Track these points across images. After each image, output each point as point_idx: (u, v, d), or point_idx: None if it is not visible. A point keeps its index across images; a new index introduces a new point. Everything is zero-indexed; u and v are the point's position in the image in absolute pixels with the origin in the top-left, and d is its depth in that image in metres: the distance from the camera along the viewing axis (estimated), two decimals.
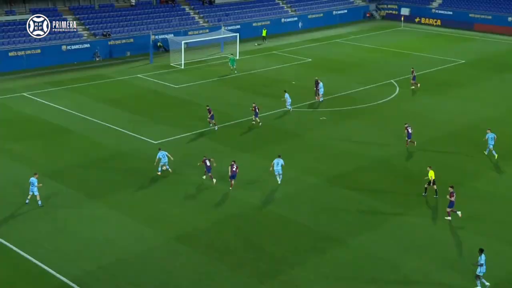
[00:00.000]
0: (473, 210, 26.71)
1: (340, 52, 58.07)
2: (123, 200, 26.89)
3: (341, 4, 75.33)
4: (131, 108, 39.66)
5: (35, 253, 22.28)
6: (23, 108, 39.17)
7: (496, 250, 22.99)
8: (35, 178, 25.96)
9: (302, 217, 25.73)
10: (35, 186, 25.84)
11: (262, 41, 60.75)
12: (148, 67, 50.82)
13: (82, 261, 21.98)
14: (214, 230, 24.44)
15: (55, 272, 21.19)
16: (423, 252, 23.12)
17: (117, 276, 21.18)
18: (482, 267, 20.50)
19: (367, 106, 41.03)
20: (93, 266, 21.68)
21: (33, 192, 25.91)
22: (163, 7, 60.89)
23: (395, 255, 22.92)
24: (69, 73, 48.44)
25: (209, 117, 35.59)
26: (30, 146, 32.83)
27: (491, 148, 32.30)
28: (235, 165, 28.01)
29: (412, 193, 28.10)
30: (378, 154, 32.68)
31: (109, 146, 33.02)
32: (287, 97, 38.96)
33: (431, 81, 47.96)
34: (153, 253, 22.73)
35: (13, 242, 22.99)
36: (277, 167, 28.60)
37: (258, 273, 21.55)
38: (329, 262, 22.39)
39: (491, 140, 32.14)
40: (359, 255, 22.92)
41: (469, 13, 71.38)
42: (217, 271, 21.64)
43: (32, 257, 22.03)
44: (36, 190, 25.86)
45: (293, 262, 22.26)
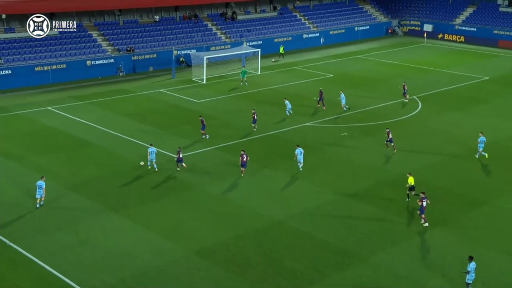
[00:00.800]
0: (497, 228, 26.25)
1: (362, 68, 57.97)
2: (144, 213, 27.06)
3: (363, 20, 75.38)
4: (153, 122, 40.04)
5: (57, 266, 22.47)
6: (48, 122, 39.82)
7: None
8: (42, 181, 27.03)
9: (322, 232, 25.55)
10: (42, 189, 26.90)
11: (279, 57, 60.88)
12: (171, 82, 51.34)
13: (103, 273, 22.11)
14: (234, 245, 24.40)
15: (76, 285, 21.33)
16: (445, 270, 22.74)
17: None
18: (470, 275, 20.79)
19: (389, 122, 40.76)
20: (114, 278, 21.78)
21: (40, 195, 26.92)
22: (186, 23, 61.64)
23: (417, 273, 22.58)
24: (93, 87, 49.19)
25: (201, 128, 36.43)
26: (53, 158, 33.30)
27: (480, 150, 33.72)
28: (245, 155, 30.81)
29: (434, 210, 27.71)
30: (399, 170, 32.37)
31: (130, 159, 33.32)
32: (287, 103, 40.98)
33: (454, 97, 47.54)
34: (173, 267, 22.76)
35: (35, 255, 23.24)
36: (300, 156, 31.53)
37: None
38: (350, 278, 22.16)
39: (482, 144, 33.71)
40: (380, 272, 22.64)
41: (494, 30, 70.75)
42: (237, 286, 21.55)
43: (54, 270, 22.22)
44: (43, 193, 26.93)
45: (313, 278, 22.08)
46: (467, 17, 74.54)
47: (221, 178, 31.10)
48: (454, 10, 76.63)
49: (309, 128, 39.25)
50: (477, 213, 27.77)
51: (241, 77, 49.83)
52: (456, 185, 30.73)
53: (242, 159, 30.86)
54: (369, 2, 79.69)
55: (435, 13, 77.14)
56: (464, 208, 28.11)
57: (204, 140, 36.37)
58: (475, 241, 25.10)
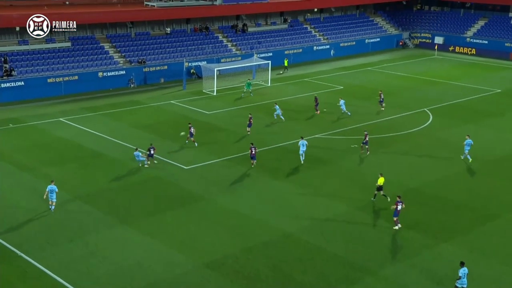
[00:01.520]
0: (510, 242, 25.98)
1: (373, 80, 57.93)
2: (154, 225, 27.10)
3: (374, 32, 75.44)
4: (163, 133, 40.21)
5: (68, 277, 22.53)
6: (60, 133, 40.13)
7: None
8: (53, 185, 27.68)
9: (332, 245, 25.43)
10: (54, 192, 27.57)
11: (284, 70, 60.75)
12: (181, 94, 51.59)
13: (113, 285, 22.13)
14: (244, 257, 24.34)
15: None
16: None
17: None
18: (461, 280, 21.14)
19: (400, 134, 40.65)
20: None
21: (52, 199, 27.58)
22: (197, 35, 62.03)
23: (427, 287, 22.34)
24: (104, 99, 49.55)
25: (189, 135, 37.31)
26: (65, 169, 33.50)
27: (466, 153, 34.94)
28: (253, 148, 33.53)
29: (446, 224, 27.53)
30: (411, 183, 32.23)
31: (141, 170, 33.43)
32: (277, 108, 42.97)
33: (465, 110, 47.33)
34: (182, 279, 22.75)
35: (46, 266, 23.32)
36: (303, 148, 33.90)
37: None
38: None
39: (468, 146, 34.93)
40: (390, 286, 22.45)
41: (505, 43, 70.47)
42: None
43: (65, 281, 22.27)
44: (55, 197, 27.63)
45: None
46: (479, 30, 74.35)
47: (230, 189, 31.13)
48: (465, 22, 76.49)
49: (319, 140, 39.21)
50: (490, 227, 27.52)
51: (245, 88, 50.36)
52: (468, 198, 30.51)
53: (251, 152, 33.55)
54: (380, 14, 79.78)
55: (446, 25, 77.05)
56: (476, 222, 27.87)
57: (215, 151, 36.41)
58: (487, 256, 24.85)
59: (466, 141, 35.21)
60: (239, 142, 38.38)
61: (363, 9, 78.64)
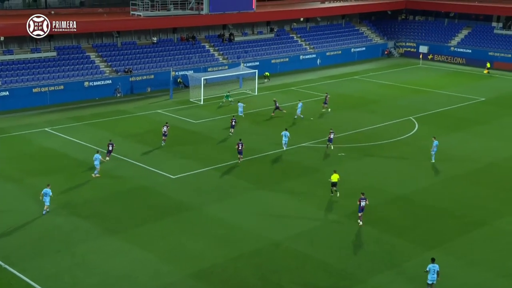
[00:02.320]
0: (496, 249, 26.20)
1: (359, 89, 58.30)
2: (142, 235, 26.90)
3: (360, 41, 76.01)
4: (150, 142, 40.05)
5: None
6: (45, 143, 39.78)
7: None
8: (48, 189, 28.27)
9: (321, 253, 25.43)
10: (48, 196, 28.15)
11: (265, 79, 60.45)
12: (168, 103, 51.48)
13: None
14: (231, 267, 24.24)
15: None
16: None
17: None
18: (429, 274, 22.00)
19: (386, 143, 40.89)
20: None
21: (46, 203, 28.09)
22: (184, 44, 62.04)
23: None
24: (90, 108, 49.28)
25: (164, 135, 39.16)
26: (51, 180, 33.08)
27: (432, 153, 36.43)
28: (240, 144, 35.51)
29: (433, 231, 27.69)
30: (398, 191, 32.41)
31: (128, 180, 33.24)
32: (240, 105, 46.18)
33: (451, 118, 47.77)
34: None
35: (32, 278, 23.01)
36: (285, 139, 37.84)
37: None
38: None
39: (435, 147, 36.33)
40: None
41: (489, 52, 71.39)
42: None
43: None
44: (49, 201, 28.21)
45: None
46: (462, 39, 75.26)
47: (218, 199, 31.05)
48: (449, 32, 77.39)
49: (306, 149, 39.31)
50: (476, 234, 27.72)
51: (224, 99, 50.88)
52: (454, 206, 30.72)
53: (237, 147, 35.50)
54: (365, 24, 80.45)
55: (430, 34, 77.88)
56: (463, 229, 28.06)
57: (203, 160, 36.32)
58: (473, 263, 25.02)
59: (434, 142, 36.61)
60: (227, 151, 38.34)
61: (348, 18, 79.28)
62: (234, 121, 42.01)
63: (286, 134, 38.08)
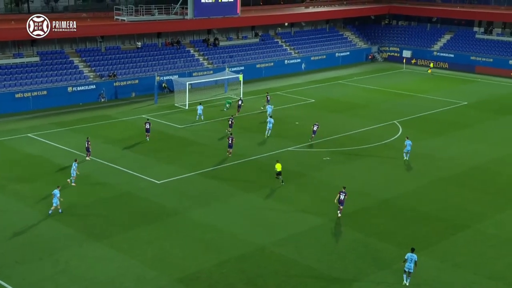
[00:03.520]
0: (479, 252, 26.42)
1: (343, 93, 58.58)
2: (127, 241, 26.68)
3: (344, 46, 76.44)
4: (135, 148, 39.82)
5: None
6: (28, 149, 39.34)
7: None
8: (57, 190, 28.83)
9: (306, 258, 25.43)
10: (56, 197, 28.64)
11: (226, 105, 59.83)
12: (153, 108, 51.25)
13: None
14: (218, 272, 24.14)
15: None
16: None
17: None
18: (407, 263, 23.02)
19: (371, 146, 41.10)
20: None
21: (55, 203, 28.64)
22: (169, 49, 61.88)
23: None
24: (74, 114, 48.86)
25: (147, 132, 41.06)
26: (34, 186, 32.83)
27: (406, 151, 37.60)
28: (230, 138, 37.62)
29: (418, 234, 27.84)
30: (383, 195, 32.55)
31: (112, 186, 32.99)
32: (199, 108, 46.73)
33: (434, 122, 48.17)
34: None
35: (15, 285, 22.72)
36: (270, 125, 42.03)
37: None
38: None
39: (408, 147, 37.47)
40: None
41: (471, 56, 72.21)
42: None
43: None
44: (57, 201, 28.68)
45: None
46: (445, 44, 76.04)
47: (204, 203, 30.94)
48: (432, 36, 78.13)
49: (292, 153, 39.36)
50: (460, 237, 27.93)
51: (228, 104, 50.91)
52: (439, 209, 30.95)
53: (228, 141, 37.48)
54: (349, 28, 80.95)
55: (413, 39, 78.58)
56: (447, 232, 28.27)
57: (188, 165, 36.19)
58: (458, 265, 25.20)
59: (406, 142, 37.75)
60: (212, 156, 38.25)
61: (333, 23, 79.71)
62: (231, 120, 43.35)
63: (271, 121, 42.20)
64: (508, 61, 69.52)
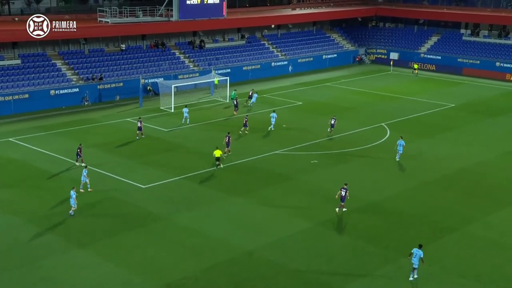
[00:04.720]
0: (467, 255, 26.25)
1: (331, 96, 58.35)
2: (112, 246, 26.11)
3: (331, 48, 76.31)
4: (120, 152, 39.18)
5: None
6: (10, 153, 38.53)
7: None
8: (73, 191, 28.83)
9: (294, 262, 25.03)
10: (72, 198, 28.63)
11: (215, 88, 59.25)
12: (138, 111, 50.56)
13: None
14: (205, 277, 23.68)
15: None
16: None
17: None
18: (413, 258, 23.38)
19: (359, 149, 40.84)
20: None
21: (72, 204, 28.67)
22: (153, 51, 61.23)
23: None
24: (57, 117, 48.04)
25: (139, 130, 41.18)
26: (16, 192, 32.10)
27: (400, 152, 37.77)
28: (227, 137, 37.66)
29: (406, 237, 27.57)
30: (371, 197, 32.27)
31: (97, 191, 32.31)
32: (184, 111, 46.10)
33: (422, 124, 48.07)
34: None
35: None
36: (273, 119, 43.66)
37: None
38: None
39: (400, 147, 37.66)
40: None
41: (458, 58, 72.43)
42: None
43: None
44: (72, 202, 28.65)
45: None
46: (432, 46, 76.23)
47: (190, 208, 30.44)
48: (419, 38, 78.31)
49: (279, 156, 38.97)
50: (448, 239, 27.73)
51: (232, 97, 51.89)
52: (426, 212, 30.73)
53: (225, 140, 37.72)
54: (336, 30, 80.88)
55: (400, 41, 78.70)
56: (435, 235, 28.04)
57: (173, 169, 35.64)
58: (445, 268, 24.98)
59: (398, 141, 37.94)
60: (198, 160, 37.74)
61: (319, 25, 79.59)
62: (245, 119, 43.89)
63: (273, 116, 43.61)
64: (495, 63, 69.81)
